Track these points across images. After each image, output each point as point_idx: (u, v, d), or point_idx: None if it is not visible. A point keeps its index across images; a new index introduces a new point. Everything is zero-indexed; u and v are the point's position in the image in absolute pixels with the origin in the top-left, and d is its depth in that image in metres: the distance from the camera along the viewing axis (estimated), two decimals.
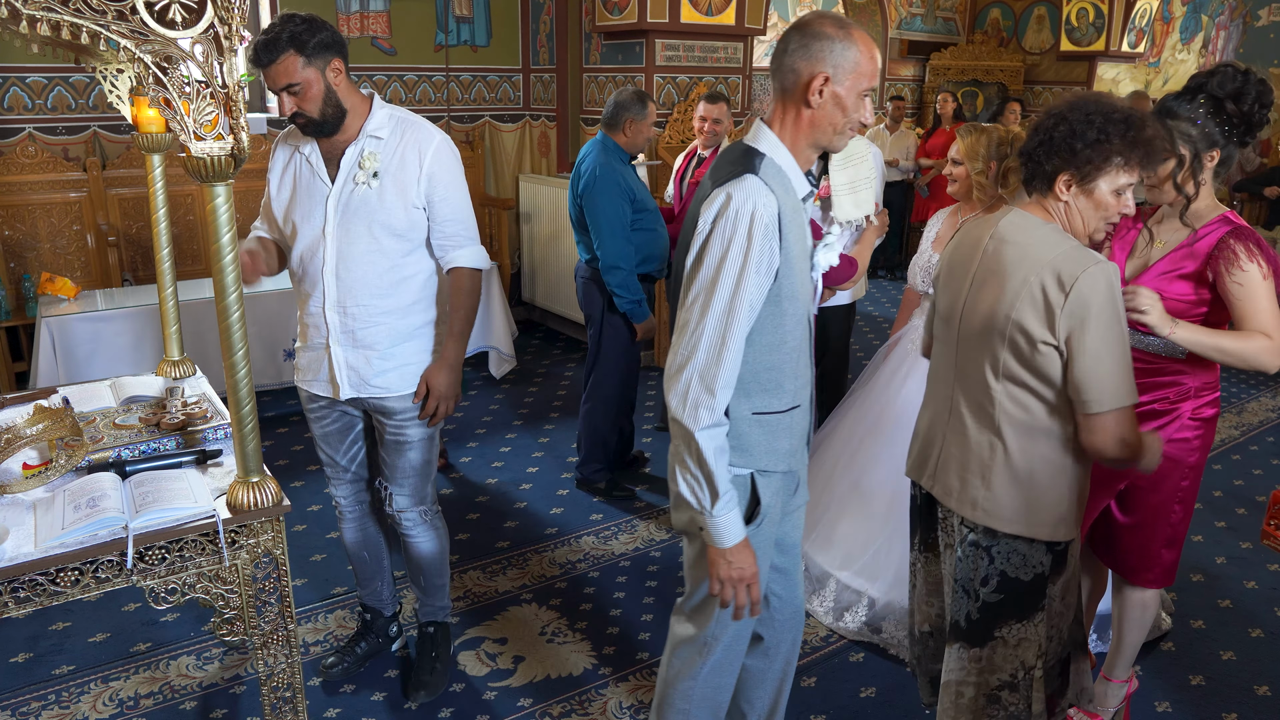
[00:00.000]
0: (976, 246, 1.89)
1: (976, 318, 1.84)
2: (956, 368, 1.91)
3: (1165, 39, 9.23)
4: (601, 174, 3.57)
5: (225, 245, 1.76)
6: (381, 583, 2.84)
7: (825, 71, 1.67)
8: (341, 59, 2.26)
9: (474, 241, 2.47)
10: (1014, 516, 1.86)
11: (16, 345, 4.90)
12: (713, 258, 1.66)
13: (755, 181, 1.66)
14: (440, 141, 2.37)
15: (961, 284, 1.90)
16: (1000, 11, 8.83)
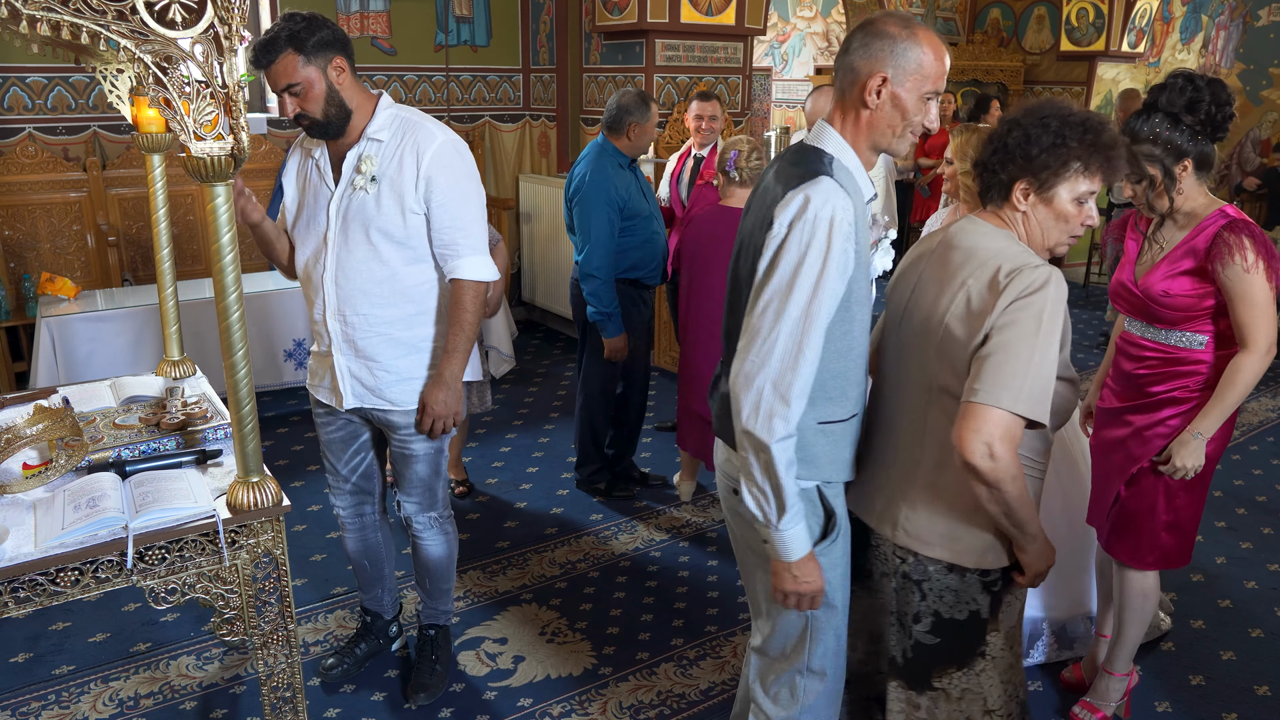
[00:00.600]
0: (926, 252, 1.79)
1: (915, 322, 1.73)
2: (895, 376, 1.79)
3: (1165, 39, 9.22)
4: (591, 180, 3.52)
5: (225, 245, 1.76)
6: (383, 589, 2.84)
7: (884, 72, 1.61)
8: (345, 57, 2.21)
9: (477, 250, 2.33)
10: (936, 540, 1.72)
11: (16, 345, 4.90)
12: (789, 262, 1.58)
13: (831, 184, 1.60)
14: (442, 144, 2.26)
15: (905, 287, 1.79)
16: (1000, 11, 8.83)
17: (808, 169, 1.64)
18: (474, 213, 2.33)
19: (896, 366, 1.80)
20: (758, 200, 1.75)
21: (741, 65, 5.95)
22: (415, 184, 2.25)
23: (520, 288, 6.58)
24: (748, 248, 1.73)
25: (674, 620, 3.12)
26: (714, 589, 3.31)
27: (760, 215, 1.69)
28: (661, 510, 3.90)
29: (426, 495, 2.58)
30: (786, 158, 1.74)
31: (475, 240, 2.33)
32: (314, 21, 2.16)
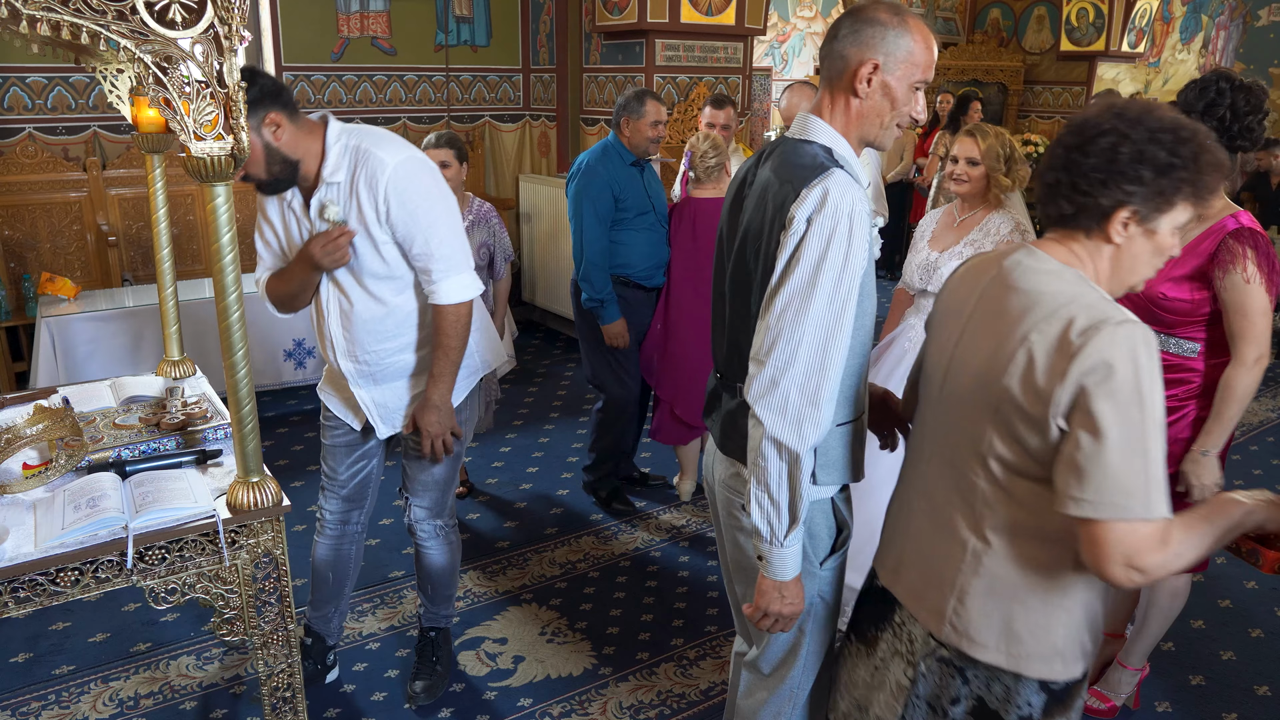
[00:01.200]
0: (971, 288, 1.50)
1: (965, 378, 1.45)
2: (938, 439, 1.51)
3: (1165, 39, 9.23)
4: (587, 168, 3.53)
5: (225, 245, 1.76)
6: (335, 610, 2.72)
7: (875, 59, 1.56)
8: (281, 109, 2.07)
9: (453, 271, 2.23)
10: (993, 643, 1.44)
11: (16, 345, 4.90)
12: (811, 258, 1.51)
13: (844, 175, 1.55)
14: (395, 169, 2.13)
15: (950, 334, 1.50)
16: (1000, 11, 8.83)
17: (813, 162, 1.57)
18: (442, 233, 2.21)
19: (937, 428, 1.52)
20: (755, 198, 1.66)
21: (741, 65, 5.95)
22: (378, 218, 2.16)
23: (520, 288, 6.58)
24: (755, 253, 1.64)
25: (674, 620, 3.12)
26: (714, 589, 3.31)
27: (767, 214, 1.61)
28: (661, 510, 3.90)
29: (438, 500, 2.58)
30: (779, 152, 1.66)
31: (448, 262, 2.23)
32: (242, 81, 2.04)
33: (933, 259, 2.90)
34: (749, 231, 1.66)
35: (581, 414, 4.98)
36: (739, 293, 1.69)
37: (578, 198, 3.53)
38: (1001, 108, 8.65)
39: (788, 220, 1.54)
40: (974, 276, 1.52)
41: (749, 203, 1.68)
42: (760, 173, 1.68)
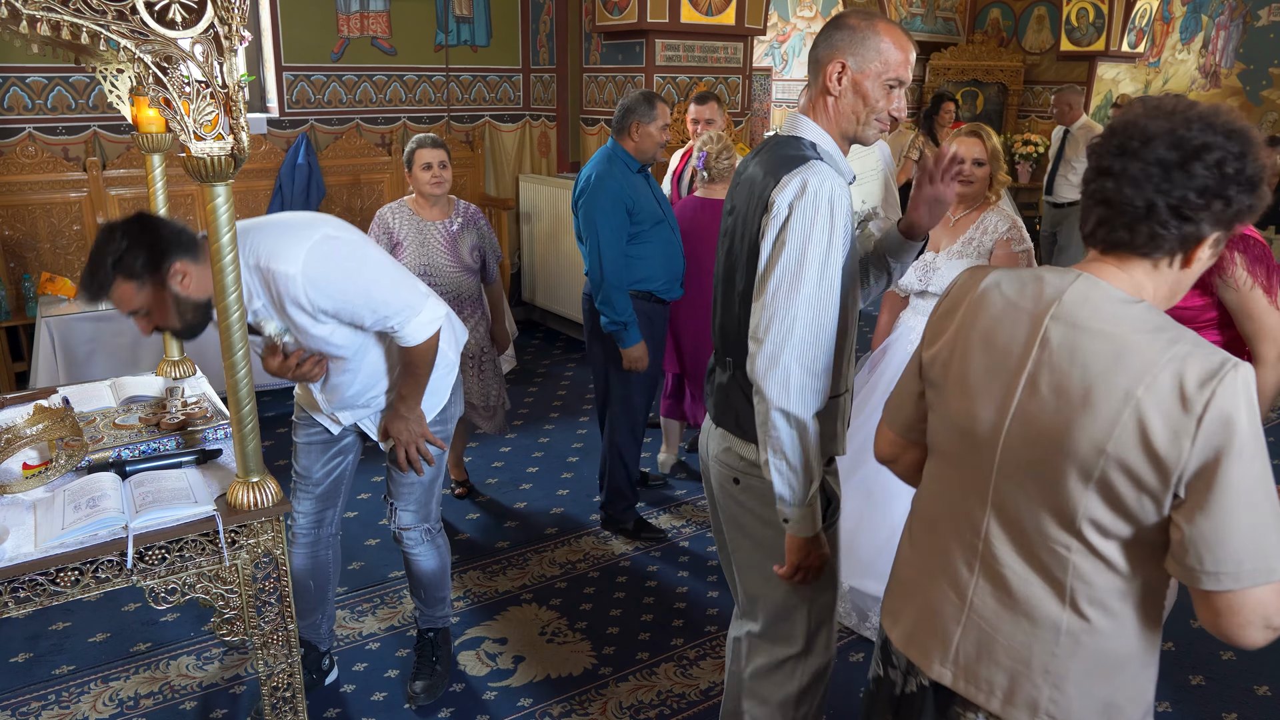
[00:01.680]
0: (1020, 326, 1.27)
1: (1033, 438, 1.24)
2: (991, 506, 1.31)
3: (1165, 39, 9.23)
4: (596, 182, 3.33)
5: (225, 245, 1.76)
6: (322, 616, 2.69)
7: (843, 59, 1.70)
8: (185, 255, 1.99)
9: (411, 315, 2.20)
10: None
11: (16, 345, 4.90)
12: (796, 241, 1.64)
13: (823, 166, 1.67)
14: (304, 275, 2.04)
15: (1001, 384, 1.28)
16: (1000, 11, 8.83)
17: (796, 154, 1.70)
18: (383, 294, 2.16)
19: (987, 493, 1.32)
20: (743, 190, 1.79)
21: (741, 65, 5.95)
22: (314, 319, 2.13)
23: (520, 288, 6.57)
24: (741, 238, 1.77)
25: (674, 620, 3.12)
26: (714, 589, 3.31)
27: (751, 203, 1.73)
28: (662, 510, 3.90)
29: (423, 504, 2.57)
30: (768, 148, 1.79)
31: (404, 311, 2.19)
32: (139, 237, 1.94)
33: (930, 259, 2.91)
34: (736, 219, 1.79)
35: (581, 414, 4.98)
36: (727, 275, 1.83)
37: (589, 214, 3.33)
38: (1001, 108, 8.65)
39: (769, 204, 1.67)
40: (1014, 315, 1.28)
41: (739, 194, 1.81)
42: (748, 166, 1.82)
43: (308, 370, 2.22)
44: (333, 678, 2.76)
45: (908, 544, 1.51)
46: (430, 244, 3.46)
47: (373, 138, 5.99)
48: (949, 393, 1.35)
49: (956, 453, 1.36)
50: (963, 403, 1.32)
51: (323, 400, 2.40)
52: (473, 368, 3.67)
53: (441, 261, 3.47)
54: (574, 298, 6.01)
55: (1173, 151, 1.17)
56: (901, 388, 1.50)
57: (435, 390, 2.45)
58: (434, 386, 2.43)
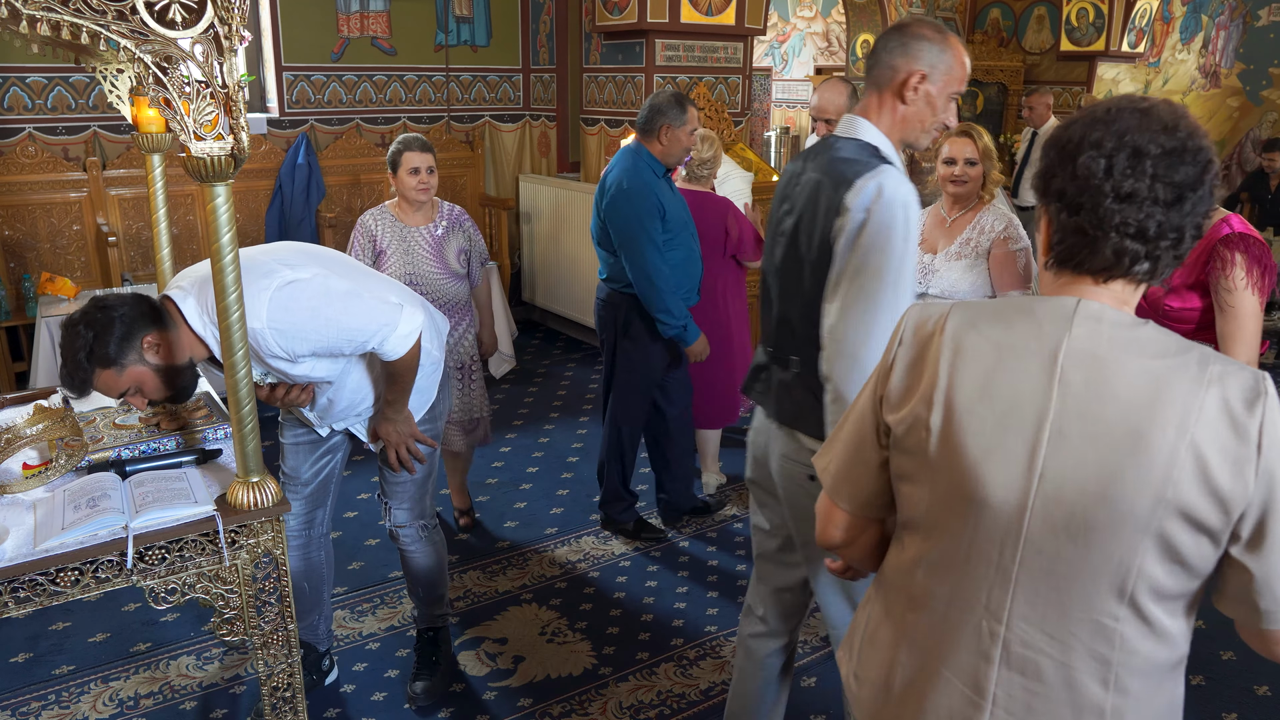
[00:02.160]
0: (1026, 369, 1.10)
1: (1071, 497, 1.07)
2: (1016, 583, 1.13)
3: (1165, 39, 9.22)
4: (629, 185, 3.18)
5: (225, 245, 1.76)
6: (319, 616, 2.68)
7: (922, 69, 1.75)
8: (152, 327, 1.97)
9: (390, 331, 2.16)
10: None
11: (16, 345, 4.91)
12: (875, 244, 1.69)
13: (894, 170, 1.73)
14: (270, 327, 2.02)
15: (1018, 440, 1.09)
16: (1000, 11, 8.82)
17: (865, 159, 1.74)
18: (356, 320, 2.12)
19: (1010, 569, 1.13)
20: (805, 192, 1.82)
21: (741, 65, 5.95)
22: (292, 361, 2.12)
23: (520, 288, 6.58)
24: (808, 238, 1.79)
25: (674, 620, 3.12)
26: (714, 589, 3.31)
27: (819, 205, 1.76)
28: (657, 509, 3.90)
29: (417, 501, 2.57)
30: (833, 149, 1.82)
31: (381, 330, 2.15)
32: (102, 324, 1.92)
33: (928, 260, 2.90)
34: (801, 220, 1.82)
35: (581, 414, 4.98)
36: (789, 274, 1.86)
37: (629, 223, 3.18)
38: (1001, 108, 8.65)
39: (842, 208, 1.71)
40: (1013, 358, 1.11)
41: (799, 195, 1.84)
42: (808, 169, 1.85)
43: (295, 398, 2.25)
44: (333, 678, 2.76)
45: (887, 628, 1.29)
46: (415, 251, 3.25)
47: (373, 138, 5.99)
48: (942, 460, 1.14)
49: (958, 527, 1.15)
50: (967, 469, 1.12)
51: (314, 418, 2.42)
52: (459, 379, 3.46)
53: (427, 270, 3.26)
54: (574, 297, 6.01)
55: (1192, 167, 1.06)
56: (855, 458, 1.27)
57: (422, 389, 2.44)
58: (420, 385, 2.42)
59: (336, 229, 5.72)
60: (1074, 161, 1.08)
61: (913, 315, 1.22)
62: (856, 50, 8.50)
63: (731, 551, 3.58)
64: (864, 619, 1.36)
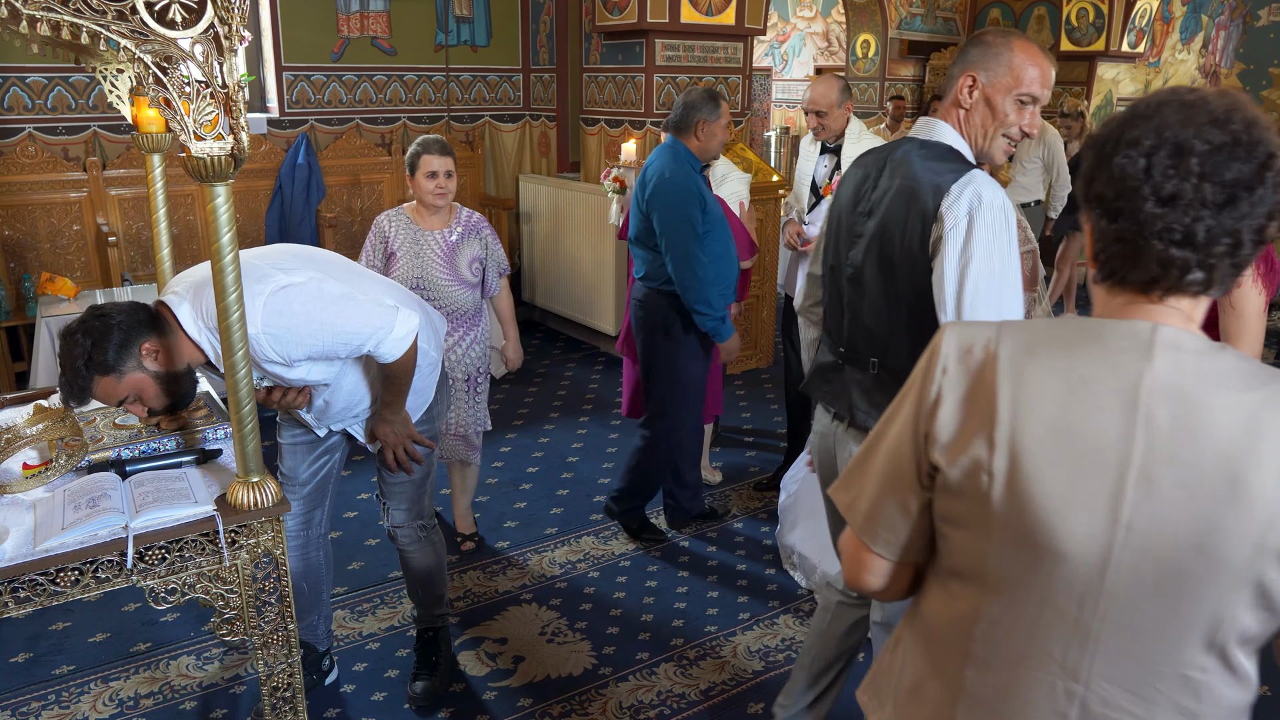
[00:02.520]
0: (1103, 406, 0.99)
1: (1163, 548, 0.97)
2: (1095, 639, 1.03)
3: (1165, 39, 9.23)
4: (672, 177, 3.17)
5: (225, 245, 1.76)
6: (319, 617, 2.68)
7: (974, 73, 1.76)
8: (150, 334, 1.97)
9: (385, 334, 2.15)
10: None
11: (16, 345, 4.91)
12: (983, 249, 1.70)
13: (981, 173, 1.75)
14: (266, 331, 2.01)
15: (1099, 486, 0.99)
16: (1000, 11, 8.83)
17: (950, 163, 1.77)
18: (351, 324, 2.11)
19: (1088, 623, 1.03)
20: (892, 196, 1.81)
21: (741, 65, 5.95)
22: (289, 364, 2.11)
23: (520, 288, 6.58)
24: (900, 243, 1.80)
25: (674, 620, 3.12)
26: (714, 589, 3.31)
27: (910, 210, 1.77)
28: (661, 510, 3.90)
29: (415, 501, 2.57)
30: (907, 152, 1.83)
31: (376, 333, 2.14)
32: (100, 331, 1.91)
33: None
34: (887, 225, 1.82)
35: (581, 414, 4.98)
36: (870, 278, 1.87)
37: (672, 211, 3.16)
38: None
39: (939, 215, 1.72)
40: (1087, 392, 1.00)
41: (882, 199, 1.84)
42: (889, 173, 1.86)
43: (291, 401, 2.25)
44: (333, 678, 2.76)
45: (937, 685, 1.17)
46: (425, 256, 3.17)
47: (373, 138, 5.99)
48: (1008, 507, 1.02)
49: (1028, 580, 1.04)
50: (1037, 518, 1.00)
51: (311, 420, 2.42)
52: (464, 392, 3.34)
53: (436, 274, 3.18)
54: (574, 298, 6.02)
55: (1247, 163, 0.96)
56: (890, 500, 1.14)
57: (419, 390, 2.44)
58: (417, 386, 2.41)
59: (336, 229, 5.72)
60: (1110, 162, 1.00)
61: (951, 338, 1.09)
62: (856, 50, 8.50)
63: (731, 551, 3.58)
64: (898, 665, 1.24)
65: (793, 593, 3.29)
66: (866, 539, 1.17)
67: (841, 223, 1.95)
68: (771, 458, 4.41)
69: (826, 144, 3.68)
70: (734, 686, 2.78)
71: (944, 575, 1.15)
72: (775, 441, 4.60)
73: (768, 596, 3.27)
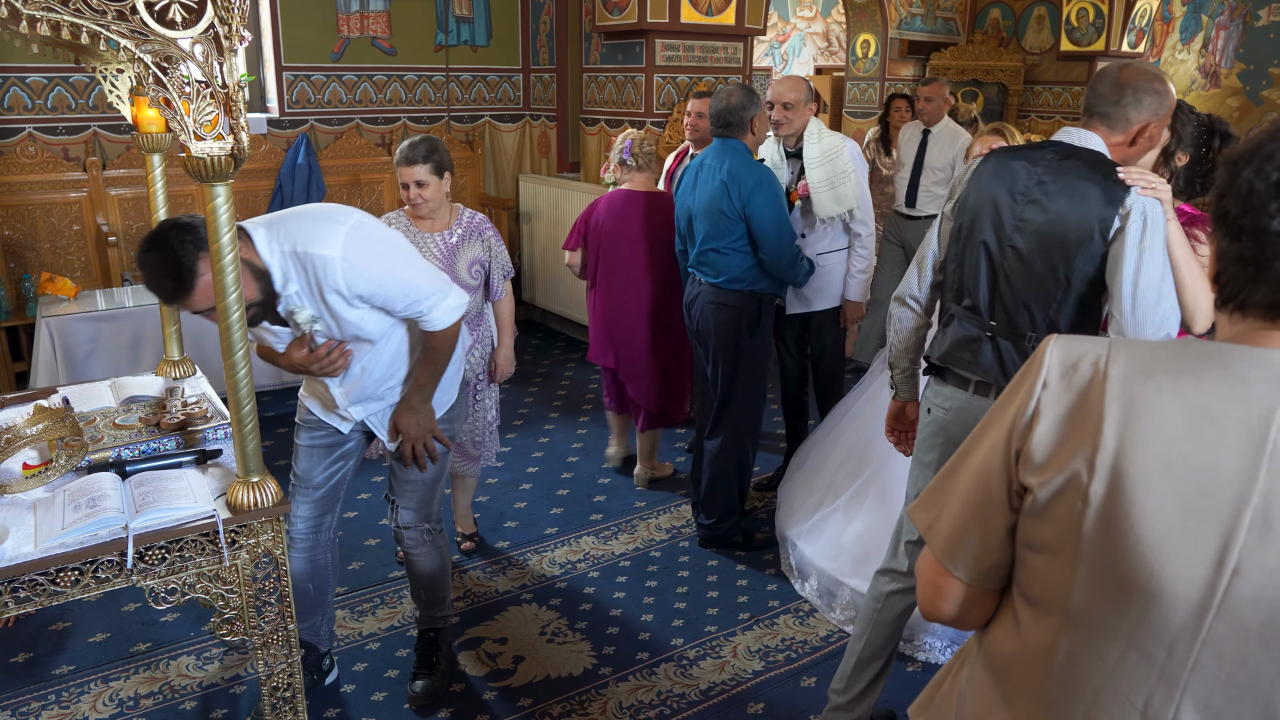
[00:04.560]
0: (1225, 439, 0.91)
1: (1272, 603, 0.90)
2: (1185, 689, 0.95)
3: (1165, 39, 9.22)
4: (760, 173, 3.23)
5: (225, 245, 1.76)
6: (322, 618, 2.67)
7: (1154, 120, 2.04)
8: None
9: (439, 300, 2.23)
10: None
11: (16, 345, 4.91)
12: (1158, 245, 1.99)
13: None
14: (342, 260, 2.07)
15: (1210, 525, 0.91)
16: (1000, 11, 8.82)
17: (1109, 171, 2.02)
18: (414, 279, 2.19)
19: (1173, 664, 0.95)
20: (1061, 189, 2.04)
21: (741, 65, 5.95)
22: (348, 303, 2.14)
23: (520, 288, 6.58)
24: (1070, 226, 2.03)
25: (674, 620, 3.12)
26: (714, 589, 3.31)
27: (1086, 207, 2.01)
28: (661, 510, 3.90)
29: (425, 502, 2.57)
30: (1069, 155, 2.07)
31: (432, 296, 2.21)
32: (195, 232, 1.95)
33: None
34: (1068, 214, 2.04)
35: (581, 414, 4.98)
36: (1034, 262, 2.09)
37: (763, 205, 3.20)
38: (1001, 108, 8.65)
39: (1121, 214, 1.98)
40: (1208, 423, 0.92)
41: (1054, 191, 2.06)
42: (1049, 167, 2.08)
43: (334, 359, 2.24)
44: (333, 678, 2.76)
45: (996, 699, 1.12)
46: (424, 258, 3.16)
47: (373, 138, 5.99)
48: (1102, 538, 0.95)
49: (1115, 619, 0.96)
50: (1138, 554, 0.93)
51: (340, 395, 2.38)
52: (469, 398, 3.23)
53: None
54: (574, 298, 6.01)
55: None
56: (975, 520, 1.08)
57: (444, 386, 2.45)
58: (444, 384, 2.43)
59: None
60: (1239, 178, 0.94)
61: (1056, 352, 1.02)
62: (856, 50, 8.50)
63: (731, 551, 3.57)
64: (957, 692, 1.18)
65: (793, 592, 3.29)
66: (947, 562, 1.11)
67: (1000, 210, 2.14)
68: (771, 458, 4.41)
69: (788, 150, 3.68)
70: (734, 686, 2.78)
71: (1017, 604, 1.09)
72: (774, 442, 4.60)
73: (768, 596, 3.27)
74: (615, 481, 4.16)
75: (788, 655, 2.94)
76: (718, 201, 3.24)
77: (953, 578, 1.11)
